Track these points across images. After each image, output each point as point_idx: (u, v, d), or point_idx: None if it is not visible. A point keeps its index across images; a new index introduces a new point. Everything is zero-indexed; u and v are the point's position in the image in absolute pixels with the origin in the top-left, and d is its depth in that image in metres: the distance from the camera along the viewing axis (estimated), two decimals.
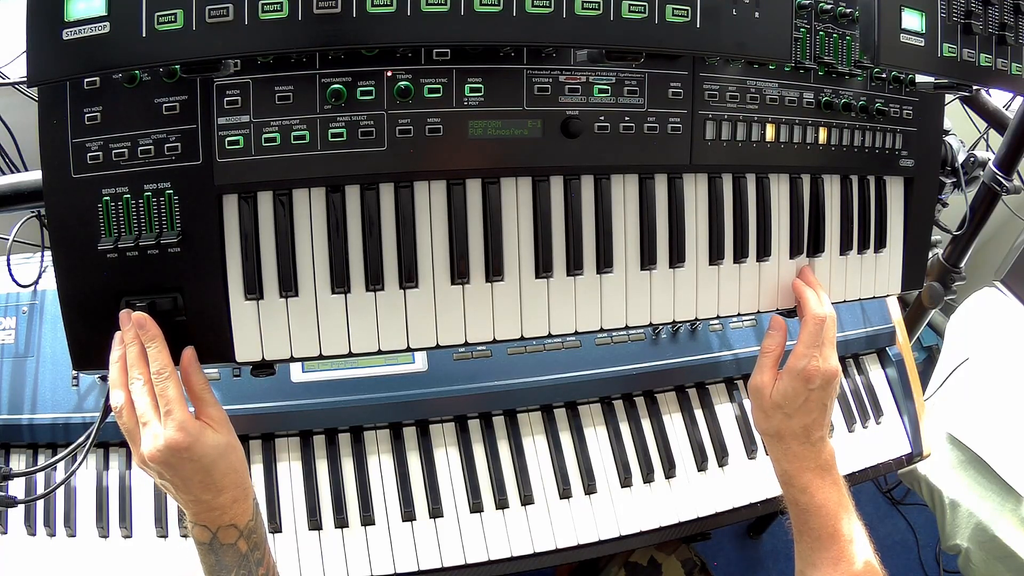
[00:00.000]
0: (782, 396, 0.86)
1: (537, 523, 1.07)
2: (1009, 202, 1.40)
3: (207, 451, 0.72)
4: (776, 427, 0.88)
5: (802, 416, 0.86)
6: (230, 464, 0.74)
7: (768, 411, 0.88)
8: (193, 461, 0.71)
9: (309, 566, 1.00)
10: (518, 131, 0.77)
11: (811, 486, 0.86)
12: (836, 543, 0.84)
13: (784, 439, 0.88)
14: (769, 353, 0.89)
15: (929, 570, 2.10)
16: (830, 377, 0.86)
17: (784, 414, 0.86)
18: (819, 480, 0.86)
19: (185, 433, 0.70)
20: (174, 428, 0.70)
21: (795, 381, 0.85)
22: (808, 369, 0.84)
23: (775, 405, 0.87)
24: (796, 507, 0.87)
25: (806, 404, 0.85)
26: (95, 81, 0.70)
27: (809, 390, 0.85)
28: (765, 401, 0.88)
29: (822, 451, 0.87)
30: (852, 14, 0.88)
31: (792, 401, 0.85)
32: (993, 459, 1.39)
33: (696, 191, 0.86)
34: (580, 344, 1.14)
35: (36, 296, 1.06)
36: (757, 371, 0.90)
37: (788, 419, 0.86)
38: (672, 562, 1.35)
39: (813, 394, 0.85)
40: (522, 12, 0.66)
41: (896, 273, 1.01)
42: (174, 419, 0.70)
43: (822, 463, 0.87)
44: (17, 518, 0.98)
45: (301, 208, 0.75)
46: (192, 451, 0.71)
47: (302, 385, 1.05)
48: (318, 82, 0.72)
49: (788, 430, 0.87)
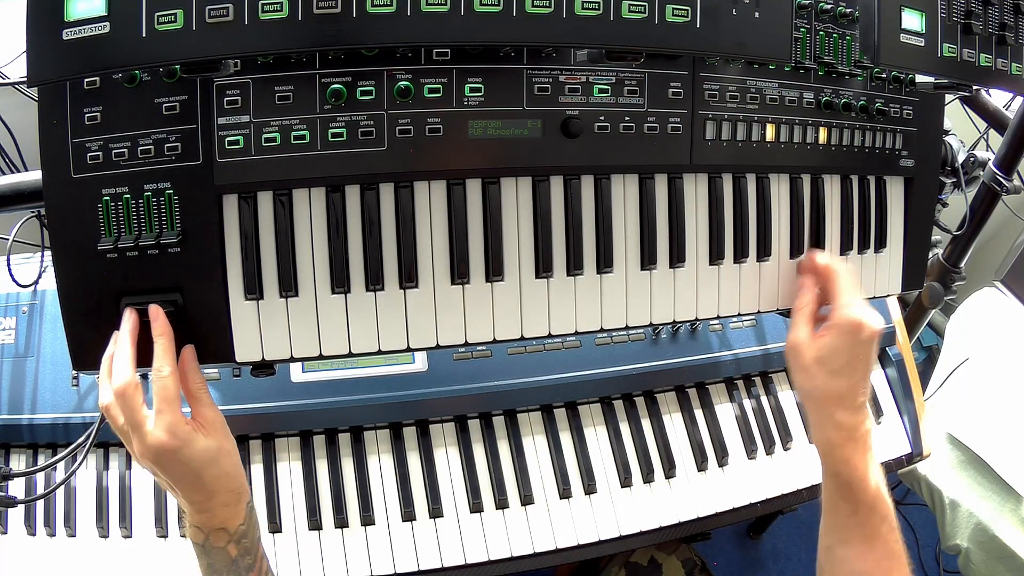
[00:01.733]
0: (829, 350, 0.81)
1: (537, 523, 1.07)
2: (1009, 202, 1.40)
3: (196, 455, 0.71)
4: (820, 386, 0.82)
5: (848, 375, 0.81)
6: (221, 469, 0.74)
7: (810, 368, 0.82)
8: (182, 464, 0.71)
9: (309, 566, 1.00)
10: (518, 131, 0.77)
11: (854, 458, 0.81)
12: (871, 520, 0.81)
13: (828, 402, 0.82)
14: (802, 309, 0.86)
15: (929, 570, 2.10)
16: (875, 332, 0.81)
17: (829, 371, 0.81)
18: (861, 454, 0.81)
19: (172, 436, 0.70)
20: (163, 430, 0.70)
21: (844, 334, 0.80)
22: (856, 318, 0.80)
23: (818, 360, 0.81)
24: (835, 479, 0.83)
25: (852, 361, 0.80)
26: (95, 81, 0.70)
27: (858, 342, 0.80)
28: (805, 359, 0.83)
29: (864, 421, 0.82)
30: (852, 14, 0.88)
31: (839, 356, 0.80)
32: (993, 459, 1.39)
33: (696, 191, 0.86)
34: (580, 344, 1.14)
35: (36, 296, 1.06)
36: (793, 328, 0.85)
37: (834, 377, 0.81)
38: (672, 562, 1.35)
39: (861, 348, 0.80)
40: (522, 12, 0.66)
41: (896, 273, 1.01)
42: (163, 420, 0.70)
43: (863, 435, 0.82)
44: (17, 518, 0.98)
45: (301, 208, 0.75)
46: (180, 454, 0.70)
47: (302, 385, 1.05)
48: (318, 82, 0.72)
49: (834, 390, 0.81)
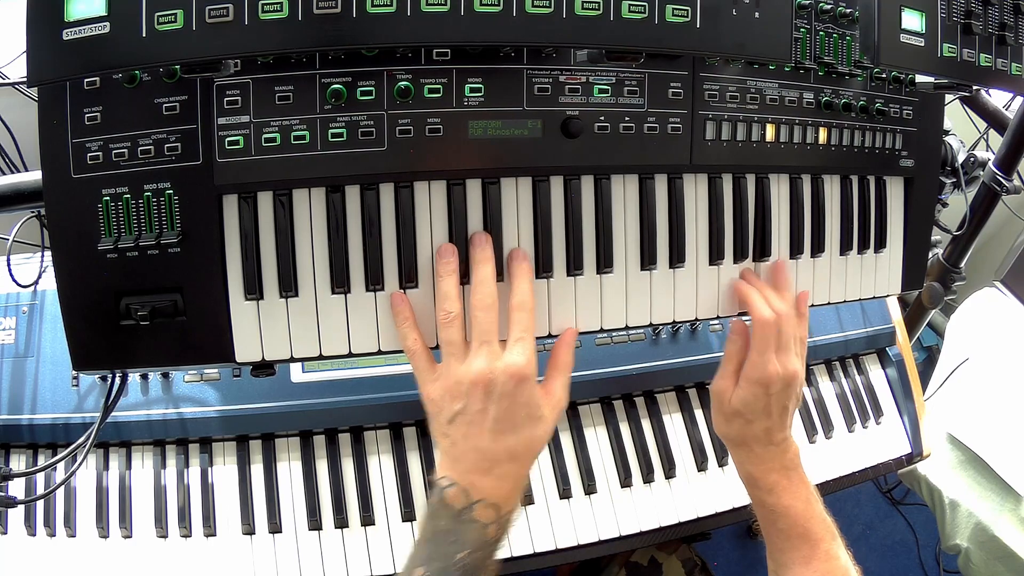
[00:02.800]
0: (741, 403, 0.85)
1: (537, 523, 1.07)
2: (1009, 202, 1.40)
3: (535, 401, 0.70)
4: (737, 432, 0.87)
5: (763, 420, 0.85)
6: (535, 437, 0.71)
7: (728, 416, 0.87)
8: (515, 402, 0.68)
9: (309, 566, 1.00)
10: (518, 131, 0.77)
11: (777, 487, 0.85)
12: (806, 542, 0.83)
13: (746, 443, 0.86)
14: (731, 358, 0.88)
15: (929, 570, 2.10)
16: (789, 380, 0.84)
17: (744, 420, 0.85)
18: (785, 480, 0.85)
19: (532, 365, 0.68)
20: (524, 356, 0.68)
21: (753, 387, 0.83)
22: (765, 376, 0.83)
23: (734, 412, 0.86)
24: (763, 508, 0.86)
25: (766, 409, 0.84)
26: (95, 81, 0.70)
27: (769, 395, 0.83)
28: (725, 407, 0.87)
29: (786, 451, 0.86)
30: (852, 14, 0.88)
31: (751, 407, 0.84)
32: (993, 459, 1.39)
33: (696, 191, 0.86)
34: (580, 344, 1.14)
35: (36, 296, 1.06)
36: (719, 376, 0.88)
37: (748, 424, 0.85)
38: (673, 562, 1.35)
39: (773, 398, 0.84)
40: (522, 12, 0.66)
41: (896, 273, 1.01)
42: (526, 349, 0.68)
43: (787, 463, 0.86)
44: (17, 518, 0.98)
45: (301, 208, 0.75)
46: (526, 385, 0.68)
47: (302, 385, 1.05)
48: (318, 82, 0.72)
49: (749, 434, 0.86)
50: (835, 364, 1.30)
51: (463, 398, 0.70)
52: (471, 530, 0.68)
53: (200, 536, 1.00)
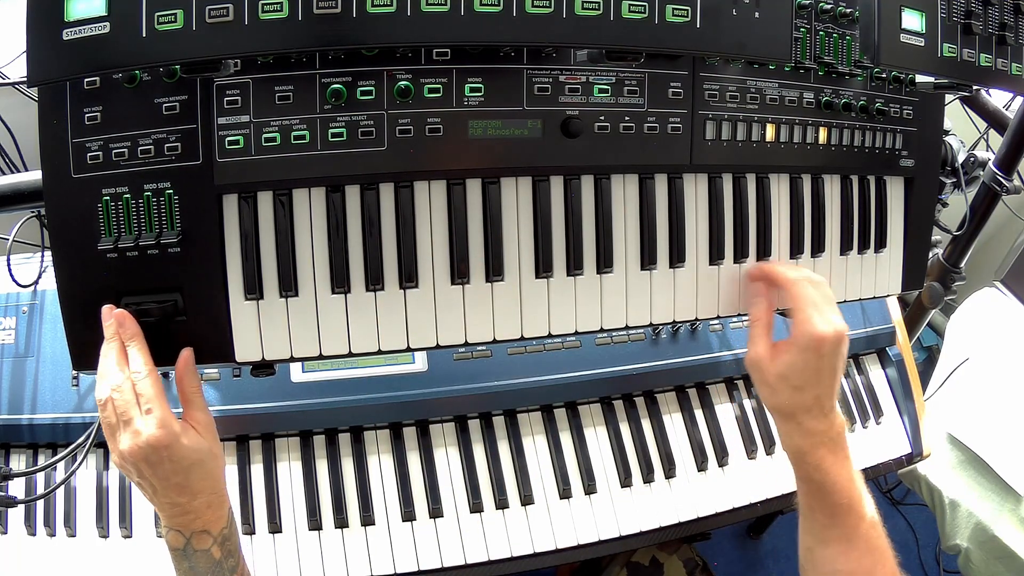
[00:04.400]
0: (791, 367, 0.80)
1: (537, 523, 1.07)
2: (1009, 202, 1.40)
3: (187, 452, 0.71)
4: (786, 402, 0.81)
5: (814, 387, 0.80)
6: (208, 470, 0.74)
7: (774, 385, 0.82)
8: (172, 461, 0.71)
9: (309, 566, 0.99)
10: (518, 131, 0.77)
11: (825, 462, 0.81)
12: (849, 519, 0.81)
13: (796, 415, 0.81)
14: (758, 322, 0.84)
15: (929, 570, 2.10)
16: (840, 338, 0.79)
17: (793, 387, 0.80)
18: (832, 456, 0.82)
19: (166, 431, 0.70)
20: (155, 425, 0.69)
21: (805, 352, 0.79)
22: (817, 335, 0.78)
23: (781, 376, 0.81)
24: (809, 483, 0.83)
25: (817, 374, 0.79)
26: (95, 81, 0.70)
27: (821, 356, 0.79)
28: (768, 375, 0.82)
29: (834, 424, 0.82)
30: (852, 14, 0.88)
31: (802, 372, 0.79)
32: (993, 459, 1.39)
33: (696, 191, 0.86)
34: (580, 344, 1.14)
35: (36, 296, 1.06)
36: (751, 343, 0.84)
37: (799, 392, 0.80)
38: (674, 562, 1.36)
39: (825, 361, 0.79)
40: (522, 12, 0.66)
41: (896, 273, 1.01)
42: (155, 416, 0.70)
43: (835, 436, 0.82)
44: (17, 518, 0.98)
45: (301, 208, 0.75)
46: (172, 450, 0.70)
47: (302, 385, 1.05)
48: (318, 82, 0.72)
49: (800, 404, 0.81)
50: None
51: (133, 470, 0.73)
52: (200, 559, 0.75)
53: None
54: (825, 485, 0.81)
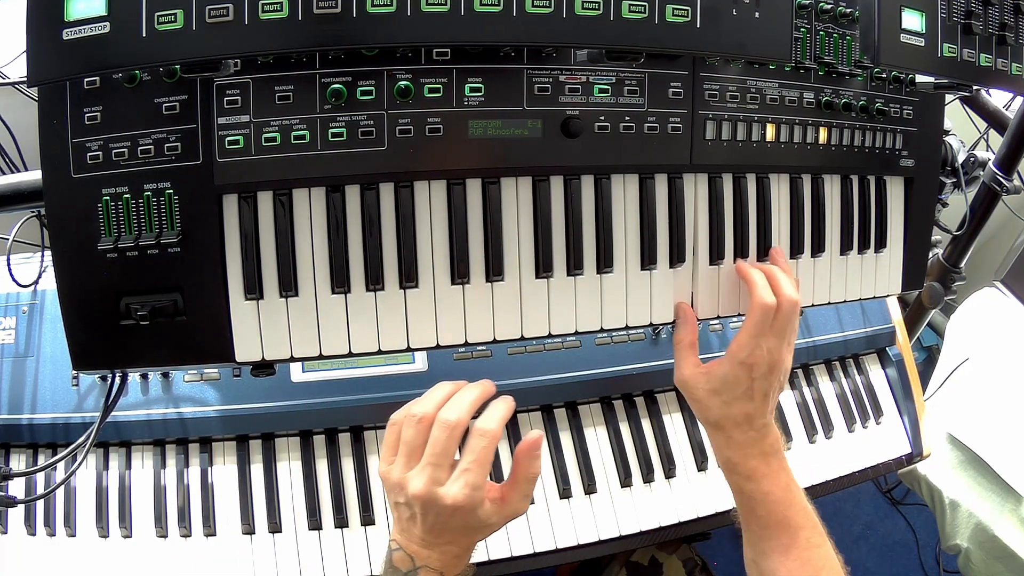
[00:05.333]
0: (720, 382, 0.82)
1: (537, 523, 1.07)
2: (1009, 202, 1.40)
3: (476, 518, 0.71)
4: (716, 415, 0.84)
5: (743, 403, 0.82)
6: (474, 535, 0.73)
7: (704, 400, 0.84)
8: (454, 521, 0.70)
9: (309, 566, 1.00)
10: (518, 131, 0.77)
11: (756, 472, 0.83)
12: (786, 530, 0.81)
13: (725, 428, 0.84)
14: (683, 342, 0.86)
15: (929, 570, 2.10)
16: (774, 366, 0.81)
17: (723, 401, 0.82)
18: (764, 466, 0.83)
19: (471, 500, 0.69)
20: (464, 491, 0.69)
21: (736, 369, 0.81)
22: (751, 358, 0.80)
23: (712, 392, 0.83)
24: (742, 495, 0.85)
25: (748, 392, 0.82)
26: (95, 81, 0.70)
27: (752, 379, 0.81)
28: (698, 392, 0.84)
29: (766, 436, 0.84)
30: (852, 14, 0.88)
31: (732, 388, 0.82)
32: (993, 459, 1.39)
33: (696, 191, 0.86)
34: (580, 344, 1.14)
35: (36, 296, 1.06)
36: (678, 364, 0.86)
37: (727, 407, 0.82)
38: (673, 562, 1.35)
39: (756, 383, 0.81)
40: (522, 12, 0.66)
41: (896, 273, 1.01)
42: (469, 483, 0.69)
43: (766, 448, 0.83)
44: (17, 518, 0.98)
45: (301, 208, 0.75)
46: (463, 513, 0.69)
47: (302, 385, 1.05)
48: (318, 82, 0.72)
49: (729, 418, 0.83)
50: (835, 364, 1.30)
51: (404, 499, 0.71)
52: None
53: (200, 536, 1.00)
54: (756, 496, 0.82)
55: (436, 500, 0.69)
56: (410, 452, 0.71)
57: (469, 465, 0.70)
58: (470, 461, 0.70)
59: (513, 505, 0.75)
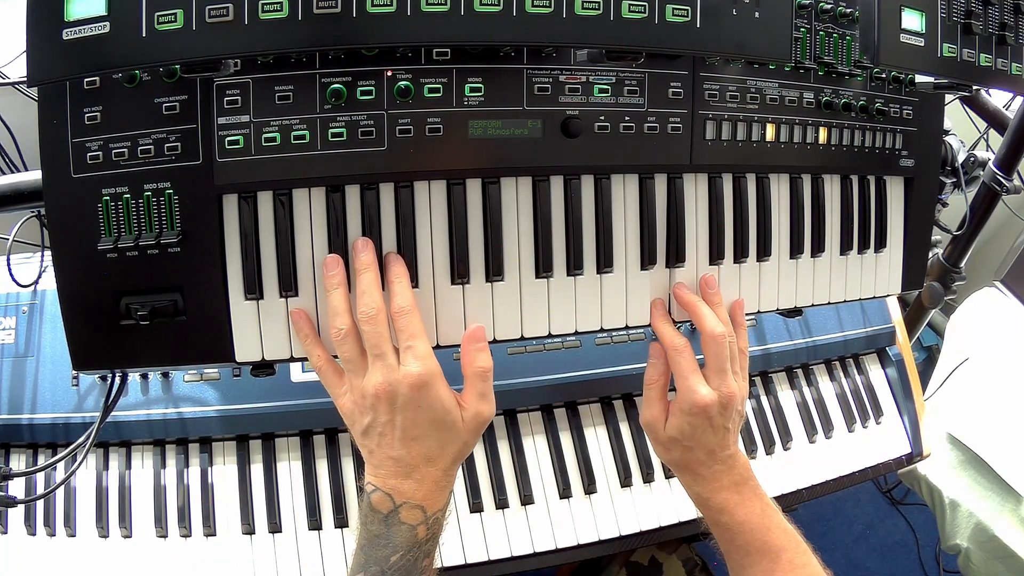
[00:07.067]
0: (678, 432, 0.82)
1: (537, 523, 1.07)
2: (1009, 202, 1.40)
3: (439, 403, 0.69)
4: (679, 459, 0.84)
5: (705, 444, 0.82)
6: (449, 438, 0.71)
7: (666, 445, 0.84)
8: (419, 408, 0.68)
9: (309, 566, 1.00)
10: (518, 131, 0.77)
11: (728, 504, 0.82)
12: (767, 555, 0.81)
13: (691, 467, 0.84)
14: (652, 385, 0.86)
15: (929, 570, 2.10)
16: (725, 403, 0.81)
17: (684, 447, 0.83)
18: (736, 496, 0.82)
19: (427, 370, 0.67)
20: (418, 363, 0.67)
21: (688, 417, 0.81)
22: (700, 403, 0.80)
23: (672, 440, 0.83)
24: (718, 527, 0.84)
25: (709, 431, 0.81)
26: (95, 81, 0.70)
27: (709, 419, 0.81)
28: (661, 436, 0.84)
29: (734, 466, 0.83)
30: (852, 14, 0.88)
31: (691, 436, 0.81)
32: (993, 459, 1.39)
33: (696, 191, 0.86)
34: (580, 344, 1.14)
35: (36, 296, 1.06)
36: (645, 405, 0.86)
37: (689, 451, 0.83)
38: (673, 561, 1.35)
39: (715, 421, 0.81)
40: (522, 12, 0.66)
41: (896, 273, 1.01)
42: (417, 354, 0.68)
43: (736, 478, 0.83)
44: (17, 518, 0.98)
45: (301, 208, 0.75)
46: (429, 391, 0.68)
47: (302, 385, 1.05)
48: (318, 82, 0.72)
49: (692, 459, 0.83)
50: (835, 364, 1.30)
51: (370, 411, 0.70)
52: (400, 532, 0.70)
53: (200, 536, 1.00)
54: (732, 526, 0.82)
55: (397, 385, 0.68)
56: (355, 363, 0.71)
57: (408, 342, 0.69)
58: (406, 338, 0.69)
59: (473, 406, 0.73)
